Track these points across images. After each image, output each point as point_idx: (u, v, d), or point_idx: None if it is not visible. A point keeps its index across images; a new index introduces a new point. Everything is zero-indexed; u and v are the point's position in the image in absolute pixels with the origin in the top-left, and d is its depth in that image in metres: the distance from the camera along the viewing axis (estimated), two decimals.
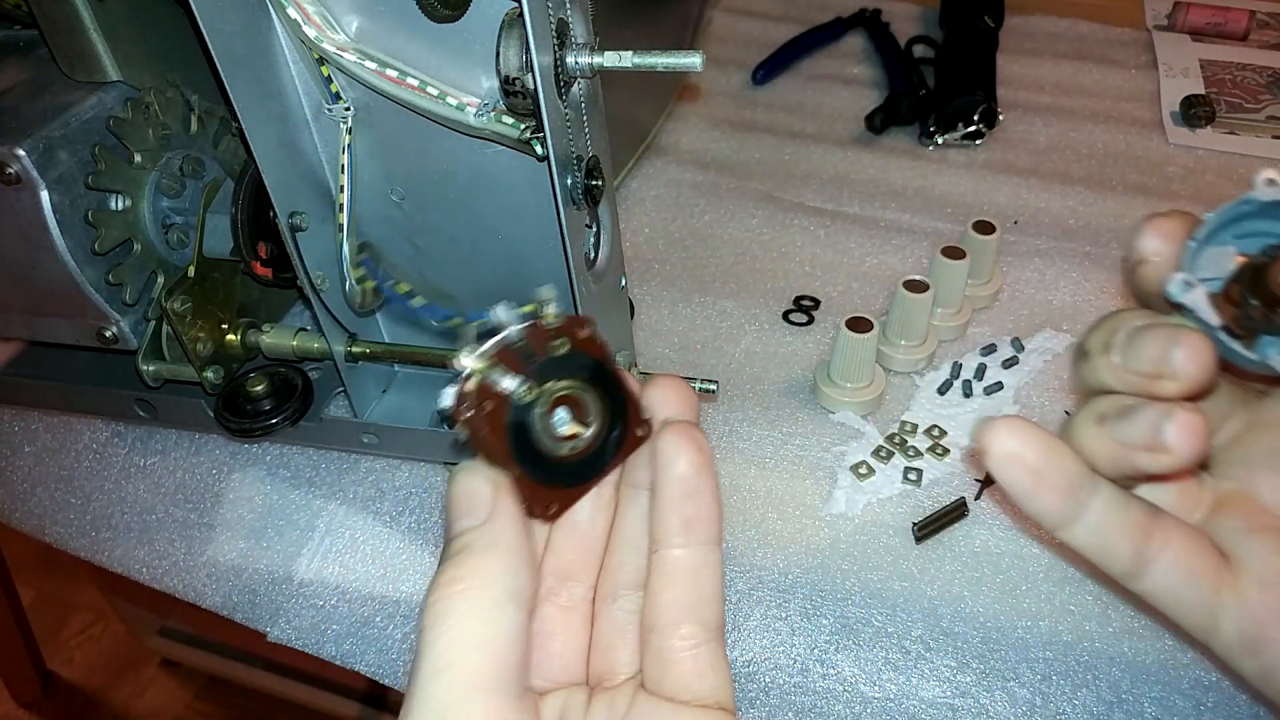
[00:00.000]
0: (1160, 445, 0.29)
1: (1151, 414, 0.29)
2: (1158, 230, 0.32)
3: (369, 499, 0.51)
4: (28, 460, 0.57)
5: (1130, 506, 0.31)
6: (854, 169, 0.74)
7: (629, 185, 0.73)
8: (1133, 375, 0.31)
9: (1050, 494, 0.30)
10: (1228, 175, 0.71)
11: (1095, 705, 0.41)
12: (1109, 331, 0.32)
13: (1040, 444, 0.30)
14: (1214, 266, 0.30)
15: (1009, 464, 0.30)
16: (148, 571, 0.51)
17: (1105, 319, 0.33)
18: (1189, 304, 0.29)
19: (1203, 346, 0.29)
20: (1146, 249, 0.32)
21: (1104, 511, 0.31)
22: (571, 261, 0.39)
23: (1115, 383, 0.31)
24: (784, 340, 0.59)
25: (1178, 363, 0.29)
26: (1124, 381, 0.31)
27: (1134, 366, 0.30)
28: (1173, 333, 0.30)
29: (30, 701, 1.27)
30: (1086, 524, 0.31)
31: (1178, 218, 0.31)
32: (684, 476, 0.28)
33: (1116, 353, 0.31)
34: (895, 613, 0.45)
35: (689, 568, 0.28)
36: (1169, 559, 0.31)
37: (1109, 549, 0.31)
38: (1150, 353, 0.30)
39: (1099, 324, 0.33)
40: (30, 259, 0.45)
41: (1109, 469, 0.31)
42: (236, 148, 0.50)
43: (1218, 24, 0.87)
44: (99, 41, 0.44)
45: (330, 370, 0.52)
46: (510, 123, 0.37)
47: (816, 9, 0.92)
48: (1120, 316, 0.32)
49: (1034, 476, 0.30)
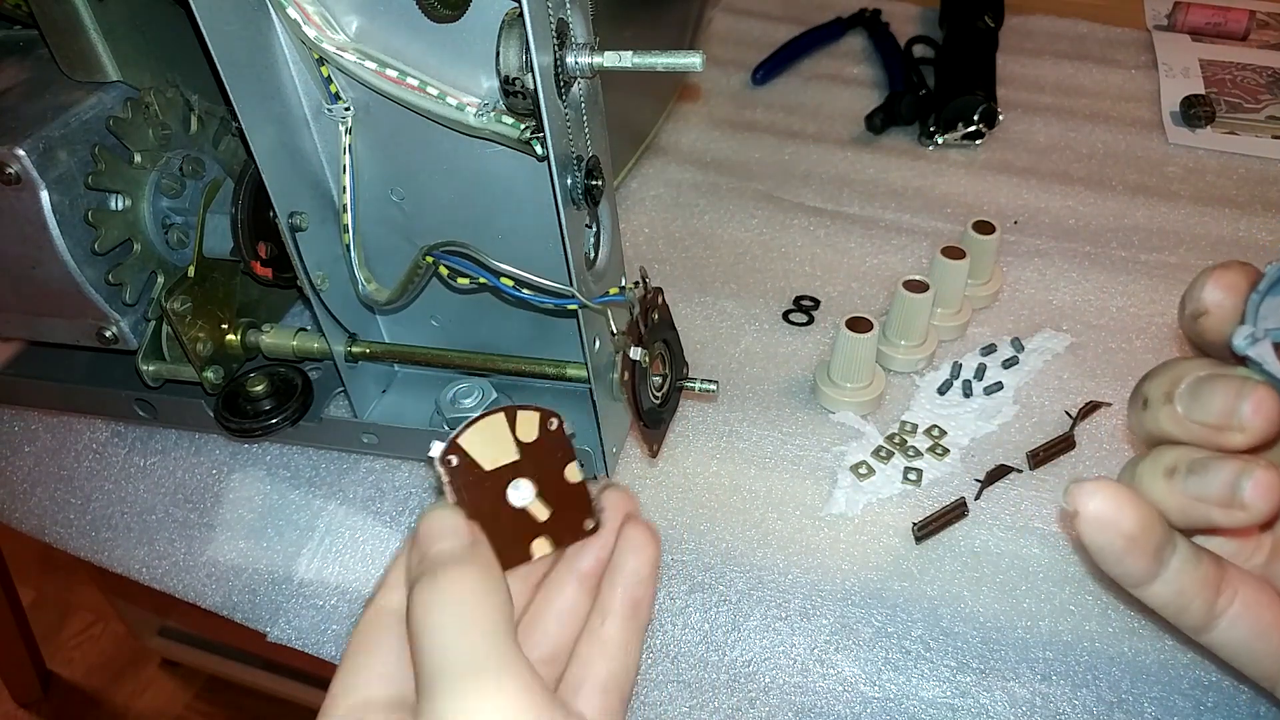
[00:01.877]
0: (1238, 502, 0.29)
1: (1227, 471, 0.29)
2: (1219, 282, 0.31)
3: (369, 499, 0.51)
4: (28, 460, 0.57)
5: (1201, 560, 0.32)
6: (854, 169, 0.74)
7: (629, 185, 0.73)
8: (1197, 426, 0.30)
9: (1140, 557, 0.31)
10: (1228, 175, 0.71)
11: (1095, 705, 0.41)
12: (1170, 381, 0.31)
13: (1135, 509, 0.30)
14: (1276, 316, 0.30)
15: (1103, 530, 0.30)
16: (148, 571, 0.51)
17: (1165, 367, 0.33)
18: (1255, 357, 0.30)
19: (1271, 400, 0.29)
20: (1208, 300, 0.31)
21: (1180, 568, 0.31)
22: (571, 261, 0.39)
23: (1178, 433, 0.31)
24: (784, 340, 0.59)
25: (1246, 416, 0.29)
26: (1188, 432, 0.31)
27: (1199, 418, 0.30)
28: (1240, 385, 0.30)
29: (30, 701, 1.27)
30: (1166, 581, 0.31)
31: (1239, 269, 0.31)
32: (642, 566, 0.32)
33: (1180, 403, 0.31)
34: (895, 613, 0.45)
35: (622, 643, 0.32)
36: (1236, 612, 0.32)
37: (1184, 605, 0.32)
38: (1217, 405, 0.30)
39: (1158, 372, 0.33)
40: (30, 259, 0.45)
41: (1178, 520, 0.31)
42: (236, 148, 0.50)
43: (1218, 24, 0.87)
44: (99, 41, 0.44)
45: (330, 370, 0.52)
46: (510, 123, 0.37)
47: (816, 9, 0.92)
48: (1181, 365, 0.32)
49: (1128, 542, 0.30)
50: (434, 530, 0.29)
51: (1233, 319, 0.31)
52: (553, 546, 0.32)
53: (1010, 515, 0.48)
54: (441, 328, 0.51)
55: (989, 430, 0.53)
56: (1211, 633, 0.32)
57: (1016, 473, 0.50)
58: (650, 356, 0.43)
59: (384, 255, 0.47)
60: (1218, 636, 0.32)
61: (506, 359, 0.48)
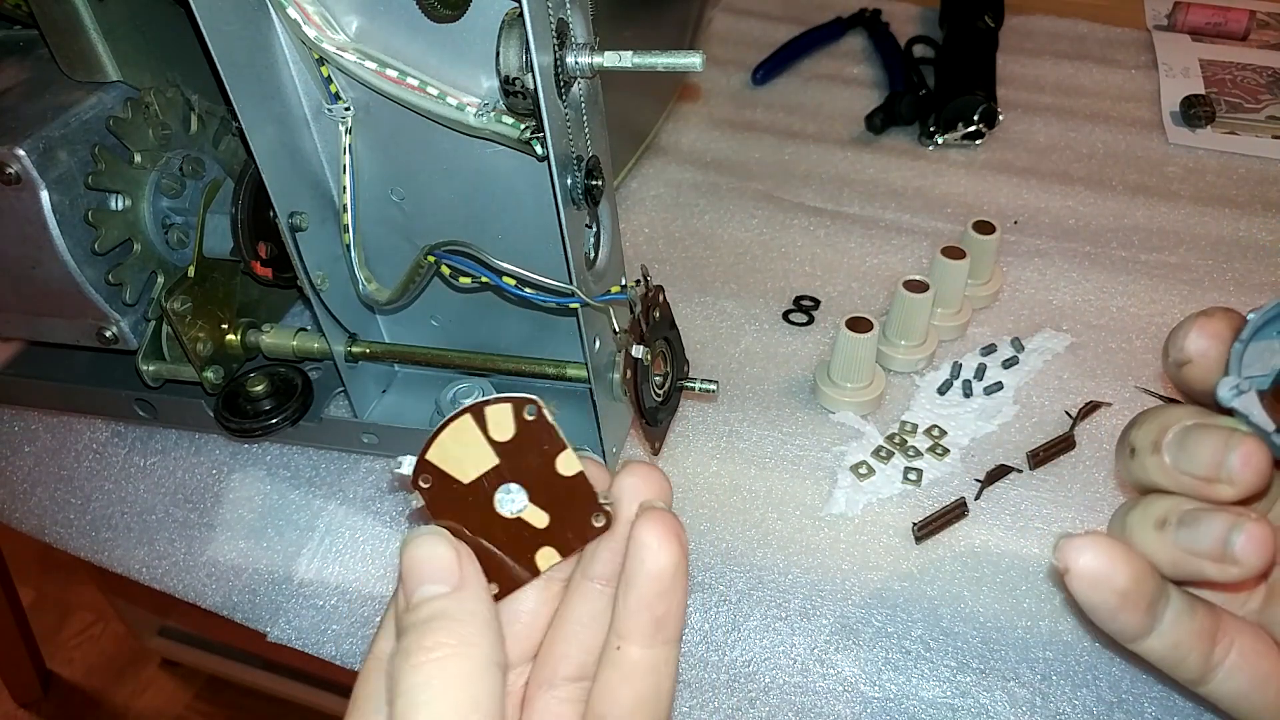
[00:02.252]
0: (1229, 557, 0.28)
1: (1218, 525, 0.29)
2: (1203, 330, 0.31)
3: (369, 499, 0.51)
4: (28, 460, 0.57)
5: (1196, 611, 0.31)
6: (854, 169, 0.74)
7: (629, 185, 0.73)
8: (1186, 478, 0.30)
9: (1134, 613, 0.30)
10: (1228, 175, 0.71)
11: (1095, 705, 0.41)
12: (1158, 430, 0.31)
13: (1126, 565, 0.29)
14: (1260, 362, 0.30)
15: (1096, 587, 0.30)
16: (148, 571, 0.51)
17: (1152, 415, 0.32)
18: (1241, 409, 0.29)
19: (1259, 452, 0.29)
20: (1192, 350, 0.31)
21: (1175, 620, 0.31)
22: (572, 261, 0.39)
23: (1166, 483, 0.31)
24: (784, 340, 0.59)
25: (1234, 469, 0.29)
26: (1176, 483, 0.30)
27: (1187, 469, 0.30)
28: (1227, 437, 0.29)
29: (30, 701, 1.27)
30: (1161, 634, 0.31)
31: (1222, 317, 0.31)
32: (661, 574, 0.27)
33: (1168, 453, 0.30)
34: (895, 613, 0.45)
35: (650, 666, 0.27)
36: (1233, 662, 0.31)
37: (1181, 657, 0.31)
38: (1205, 457, 0.29)
39: (1145, 419, 0.32)
40: (30, 259, 0.45)
41: (1170, 573, 0.31)
42: (236, 148, 0.50)
43: (1218, 24, 0.87)
44: (99, 41, 0.44)
45: (330, 370, 0.52)
46: (510, 123, 0.37)
47: (816, 9, 0.92)
48: (1168, 414, 0.31)
49: (1121, 598, 0.30)
50: (417, 569, 0.26)
51: (1217, 367, 0.30)
52: (561, 555, 0.28)
53: (1010, 515, 0.48)
54: (441, 328, 0.51)
55: (989, 430, 0.53)
56: (1209, 684, 0.31)
57: (1016, 473, 0.50)
58: (652, 354, 0.43)
59: (384, 255, 0.47)
60: (1216, 688, 0.31)
61: (506, 359, 0.48)
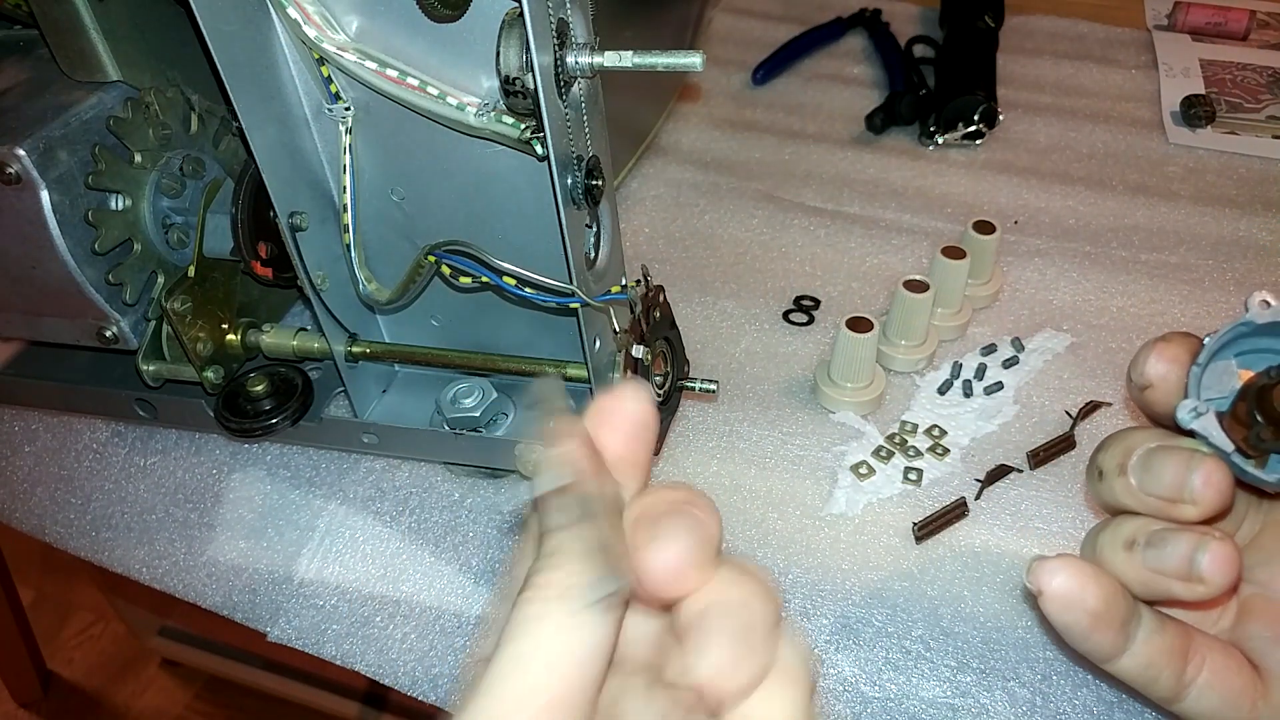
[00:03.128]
0: (1196, 576, 0.29)
1: (1184, 544, 0.29)
2: (1161, 355, 0.32)
3: (369, 499, 0.51)
4: (28, 460, 0.57)
5: (1166, 629, 0.31)
6: (854, 169, 0.74)
7: (629, 185, 0.73)
8: (1151, 498, 0.31)
9: (1106, 633, 0.31)
10: (1228, 175, 0.71)
11: (1096, 705, 0.41)
12: (1123, 453, 0.32)
13: (1097, 586, 0.30)
14: (1218, 384, 0.31)
15: (1068, 609, 0.30)
16: (148, 571, 0.51)
17: (1117, 438, 0.33)
18: (1200, 430, 0.30)
19: (1219, 472, 0.29)
20: (1151, 374, 0.32)
21: (1147, 639, 0.31)
22: (571, 261, 0.39)
23: (1133, 504, 0.31)
24: (784, 340, 0.59)
25: (1196, 489, 0.29)
26: (1142, 504, 0.31)
27: (1152, 490, 0.31)
28: (1188, 458, 0.30)
29: (30, 701, 1.27)
30: (1133, 654, 0.31)
31: (1179, 341, 0.32)
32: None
33: (1133, 475, 0.31)
34: (895, 613, 0.45)
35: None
36: (1205, 680, 0.31)
37: (1153, 677, 0.31)
38: (1167, 478, 0.30)
39: (1111, 442, 0.33)
40: (30, 259, 0.45)
41: (1140, 592, 0.31)
42: (236, 148, 0.50)
43: (1218, 24, 0.87)
44: (99, 41, 0.44)
45: (330, 370, 0.52)
46: (510, 123, 0.37)
47: (816, 9, 0.92)
48: (1133, 436, 0.32)
49: (1093, 619, 0.30)
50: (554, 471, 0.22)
51: (1177, 391, 0.31)
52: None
53: (1010, 515, 0.48)
54: (442, 327, 0.51)
55: (989, 430, 0.53)
56: (1183, 702, 0.32)
57: (1017, 473, 0.50)
58: (652, 354, 0.43)
59: (384, 255, 0.47)
60: (1189, 706, 0.32)
61: (506, 359, 0.48)
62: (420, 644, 0.45)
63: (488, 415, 0.49)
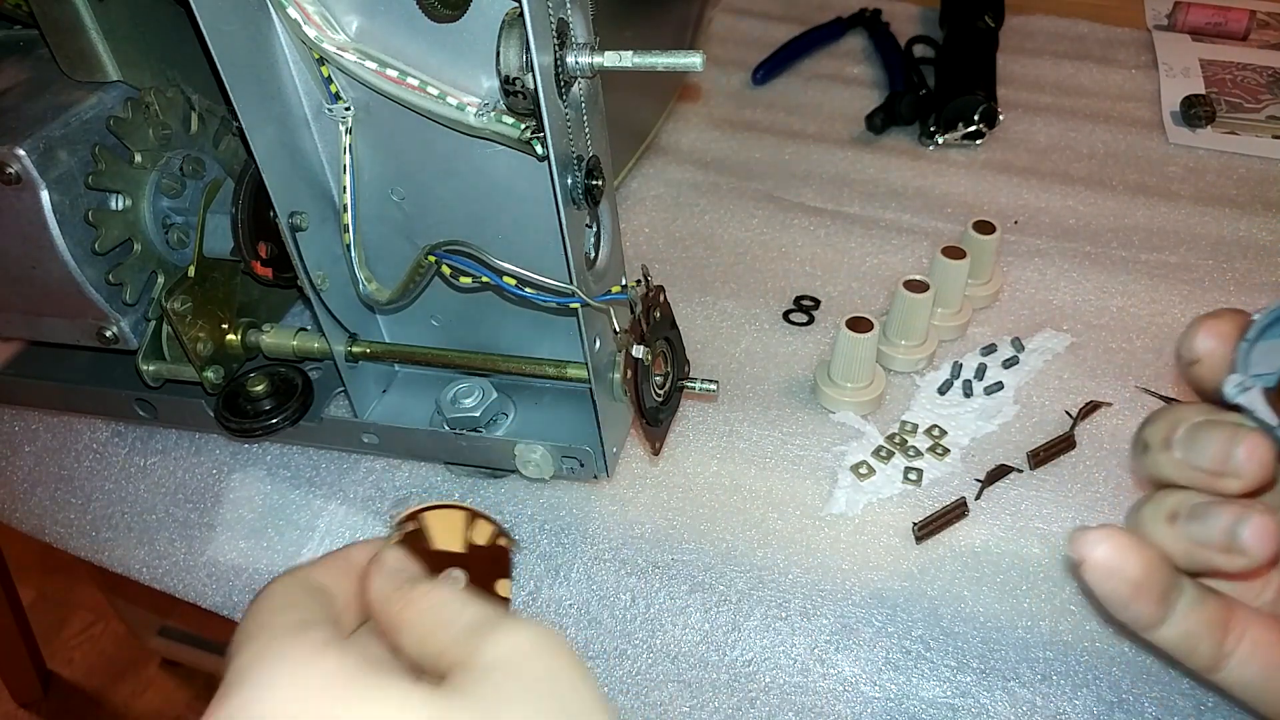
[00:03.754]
0: (1237, 547, 0.30)
1: (1226, 516, 0.30)
2: (1210, 331, 0.32)
3: (369, 499, 0.51)
4: (28, 460, 0.57)
5: (1207, 601, 0.32)
6: (854, 169, 0.74)
7: (629, 185, 0.73)
8: (1195, 472, 0.31)
9: (1147, 603, 0.31)
10: (1228, 175, 0.71)
11: (1095, 705, 0.41)
12: (1169, 426, 0.32)
13: (1140, 556, 0.31)
14: (1266, 362, 0.31)
15: (1109, 577, 0.31)
16: (148, 571, 0.51)
17: (1164, 413, 0.33)
18: (1246, 405, 0.31)
19: (1263, 446, 0.30)
20: (1200, 349, 0.32)
21: (1188, 610, 0.32)
22: (571, 261, 0.39)
23: (1177, 477, 0.32)
24: (784, 340, 0.59)
25: (1239, 462, 0.30)
26: (1187, 477, 0.32)
27: (1196, 463, 0.31)
28: (1233, 432, 0.30)
29: (30, 701, 1.27)
30: (1173, 623, 0.32)
31: (1229, 317, 0.32)
32: None
33: (1178, 449, 0.32)
34: (895, 613, 0.45)
35: None
36: (1245, 651, 0.32)
37: (1193, 646, 0.32)
38: (1212, 451, 0.31)
39: (1158, 417, 0.33)
40: (30, 259, 0.45)
41: (1182, 563, 0.32)
42: (237, 148, 0.50)
43: (1218, 24, 0.87)
44: (99, 41, 0.44)
45: (330, 370, 0.52)
46: (510, 123, 0.37)
47: (816, 9, 0.92)
48: (1180, 411, 0.33)
49: (1134, 588, 0.31)
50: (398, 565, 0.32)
51: (1224, 366, 0.31)
52: None
53: (1010, 515, 0.48)
54: (442, 327, 0.51)
55: (989, 430, 0.53)
56: (1222, 672, 0.32)
57: (1017, 473, 0.50)
58: (652, 354, 0.43)
59: (384, 255, 0.47)
60: (1228, 676, 0.32)
61: (507, 359, 0.48)
62: None
63: (488, 415, 0.49)
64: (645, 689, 0.44)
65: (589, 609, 0.46)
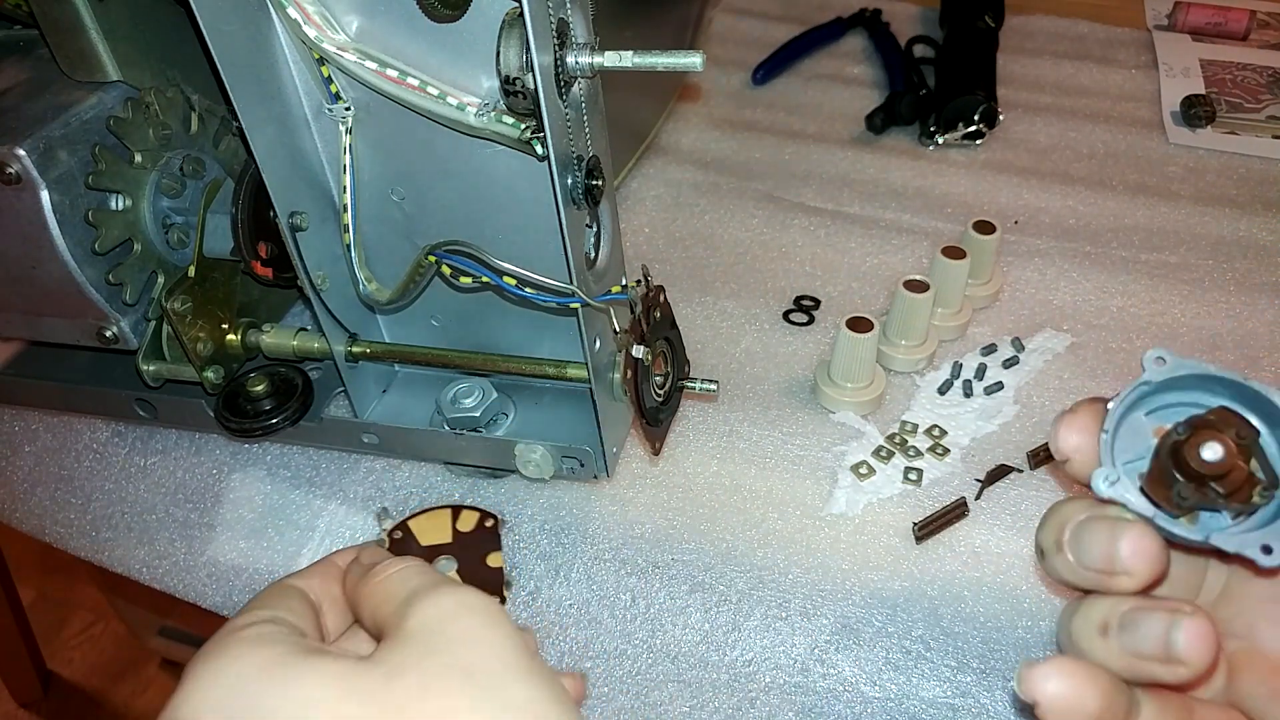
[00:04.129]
0: (1174, 658, 0.28)
1: (1156, 624, 0.28)
2: (1070, 427, 0.30)
3: (369, 499, 0.51)
4: (28, 460, 0.57)
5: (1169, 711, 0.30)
6: (854, 169, 0.74)
7: (629, 185, 0.73)
8: (1089, 573, 0.29)
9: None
10: (1228, 175, 0.71)
11: None
12: (1057, 527, 0.31)
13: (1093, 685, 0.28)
14: (1134, 444, 0.30)
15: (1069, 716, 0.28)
16: (148, 571, 0.51)
17: (1051, 513, 0.31)
18: (1118, 498, 0.29)
19: (1145, 538, 0.28)
20: (1065, 448, 0.30)
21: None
22: (571, 261, 0.39)
23: (1078, 581, 0.30)
24: (784, 340, 0.59)
25: (1125, 560, 0.28)
26: (1084, 579, 0.30)
27: (1086, 564, 0.29)
28: (1113, 527, 0.29)
29: (30, 701, 1.27)
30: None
31: (1086, 410, 0.30)
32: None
33: (1069, 550, 0.30)
34: (895, 613, 0.45)
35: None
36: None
37: None
38: (1096, 551, 0.29)
39: (1047, 519, 0.32)
40: (30, 259, 0.45)
41: (1126, 678, 0.29)
42: (237, 148, 0.50)
43: (1218, 24, 0.87)
44: (99, 41, 0.44)
45: (330, 370, 0.52)
46: (510, 123, 0.37)
47: (816, 9, 0.92)
48: (1064, 510, 0.31)
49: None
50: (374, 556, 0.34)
51: (1093, 460, 0.30)
52: None
53: (1010, 515, 0.48)
54: (442, 327, 0.51)
55: (989, 430, 0.53)
56: None
57: (1017, 472, 0.50)
58: (652, 354, 0.43)
59: (384, 255, 0.47)
60: None
61: (506, 359, 0.48)
62: None
63: (488, 415, 0.49)
64: (645, 689, 0.44)
65: (589, 609, 0.46)
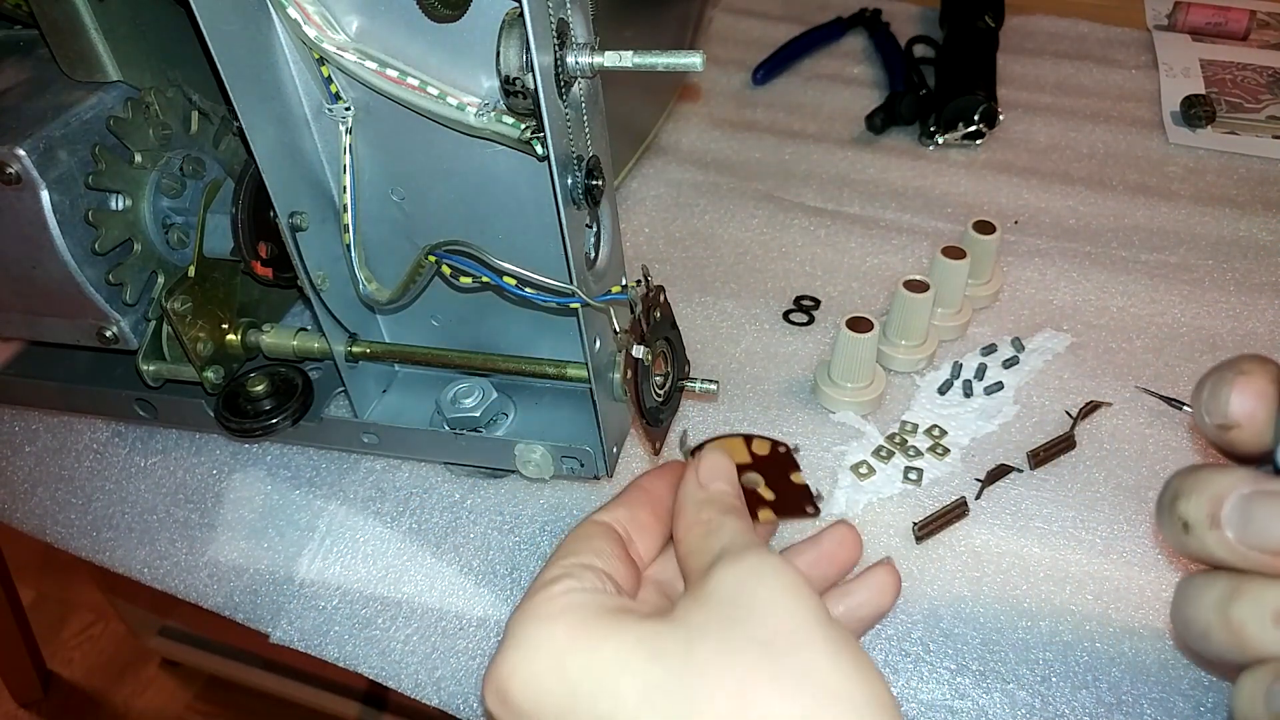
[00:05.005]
0: None
1: None
2: (1245, 391, 0.28)
3: (369, 499, 0.51)
4: (28, 460, 0.57)
5: None
6: (854, 169, 0.74)
7: (629, 185, 0.73)
8: (1259, 554, 0.27)
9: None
10: (1228, 175, 0.71)
11: (1095, 707, 0.41)
12: (1212, 500, 0.28)
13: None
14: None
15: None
16: (149, 571, 0.51)
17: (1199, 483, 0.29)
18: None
19: None
20: (1237, 413, 0.28)
21: None
22: (571, 261, 0.39)
23: (1235, 560, 0.28)
24: (784, 340, 0.59)
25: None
26: (1246, 560, 0.28)
27: (1260, 545, 0.27)
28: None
29: (30, 701, 1.27)
30: None
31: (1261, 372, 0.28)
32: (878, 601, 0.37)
33: (1230, 528, 0.27)
34: (895, 613, 0.45)
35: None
36: None
37: None
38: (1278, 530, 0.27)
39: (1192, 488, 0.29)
40: (30, 259, 0.45)
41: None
42: (237, 148, 0.50)
43: (1218, 24, 0.87)
44: (99, 41, 0.44)
45: (330, 370, 0.52)
46: (510, 123, 0.37)
47: (816, 9, 0.92)
48: (1218, 480, 0.28)
49: None
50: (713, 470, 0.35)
51: (1268, 428, 0.27)
52: (774, 516, 0.38)
53: (1010, 515, 0.48)
54: (442, 327, 0.51)
55: (989, 430, 0.53)
56: None
57: (1017, 472, 0.50)
58: (652, 354, 0.43)
59: (384, 255, 0.47)
60: None
61: (507, 359, 0.48)
62: (423, 646, 0.45)
63: (488, 415, 0.49)
64: None
65: None
